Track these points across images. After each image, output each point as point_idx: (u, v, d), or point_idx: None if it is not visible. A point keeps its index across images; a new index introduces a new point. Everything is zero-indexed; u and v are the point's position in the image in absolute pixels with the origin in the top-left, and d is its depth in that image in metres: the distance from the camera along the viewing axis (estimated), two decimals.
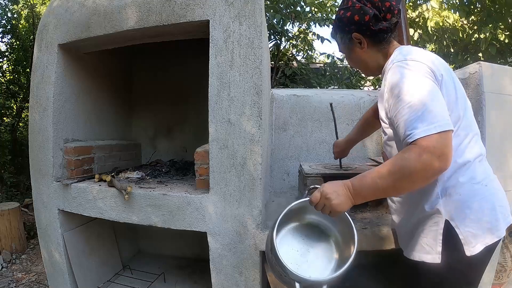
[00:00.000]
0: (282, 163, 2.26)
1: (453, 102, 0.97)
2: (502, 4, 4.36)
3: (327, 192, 0.94)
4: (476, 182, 0.97)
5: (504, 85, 1.75)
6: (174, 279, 2.29)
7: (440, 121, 0.83)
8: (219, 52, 1.51)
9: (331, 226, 1.12)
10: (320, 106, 2.25)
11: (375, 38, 1.06)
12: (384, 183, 0.87)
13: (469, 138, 0.99)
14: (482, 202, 0.95)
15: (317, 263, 1.09)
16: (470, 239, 0.93)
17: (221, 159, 1.52)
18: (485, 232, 0.94)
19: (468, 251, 0.93)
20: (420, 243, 1.01)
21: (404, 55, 0.97)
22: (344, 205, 0.93)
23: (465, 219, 0.94)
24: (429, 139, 0.81)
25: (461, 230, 0.94)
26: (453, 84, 0.99)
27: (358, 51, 1.11)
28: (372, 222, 1.58)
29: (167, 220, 1.63)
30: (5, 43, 5.79)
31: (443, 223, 0.96)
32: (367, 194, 0.92)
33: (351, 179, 0.94)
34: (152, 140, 2.81)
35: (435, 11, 4.65)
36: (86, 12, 1.74)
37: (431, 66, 0.93)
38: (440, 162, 0.80)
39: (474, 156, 0.98)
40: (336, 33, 1.15)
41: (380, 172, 0.88)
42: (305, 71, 4.61)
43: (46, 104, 1.86)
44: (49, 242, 1.94)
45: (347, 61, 1.23)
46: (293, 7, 4.34)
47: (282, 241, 1.09)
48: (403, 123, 0.87)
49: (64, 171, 1.93)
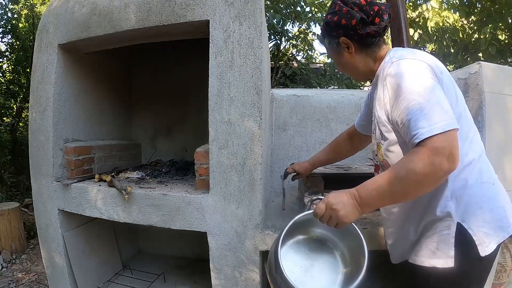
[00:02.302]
0: (282, 163, 2.26)
1: (453, 100, 0.95)
2: (502, 4, 4.36)
3: (332, 203, 0.89)
4: (484, 181, 0.95)
5: (504, 85, 1.75)
6: (174, 279, 2.29)
7: (446, 119, 0.80)
8: (219, 52, 1.51)
9: (336, 239, 1.07)
10: (320, 106, 2.25)
11: (363, 42, 1.04)
12: (392, 189, 0.83)
13: (471, 136, 0.97)
14: (491, 201, 0.94)
15: (322, 278, 1.03)
16: (484, 239, 0.91)
17: (221, 159, 1.52)
18: (497, 230, 0.93)
19: (482, 251, 0.91)
20: (429, 248, 0.97)
21: (402, 54, 0.95)
22: (352, 215, 0.89)
23: (477, 220, 0.92)
24: (436, 139, 0.78)
25: (475, 231, 0.91)
26: (451, 82, 0.98)
27: (347, 55, 1.09)
28: (372, 222, 1.58)
29: (167, 220, 1.63)
30: (5, 43, 5.79)
31: (455, 226, 0.92)
32: (374, 202, 0.88)
33: (356, 188, 0.90)
34: (152, 140, 2.81)
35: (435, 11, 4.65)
36: (86, 12, 1.74)
37: (430, 65, 0.92)
38: (449, 162, 0.77)
39: (478, 154, 0.97)
40: (324, 37, 1.13)
41: (387, 177, 0.84)
42: (305, 71, 4.61)
43: (46, 104, 1.86)
44: (49, 242, 1.94)
45: (336, 66, 1.21)
46: (293, 7, 4.35)
47: (284, 257, 0.99)
48: (408, 122, 0.84)
49: (64, 171, 1.93)
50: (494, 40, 4.14)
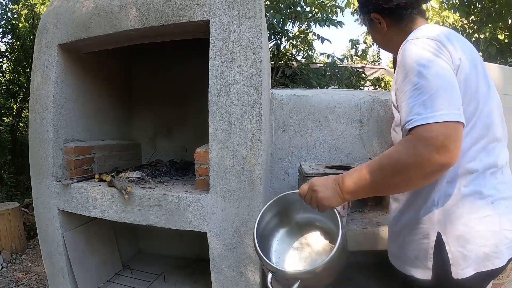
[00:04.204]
0: (282, 163, 2.26)
1: (471, 93, 0.83)
2: (502, 4, 4.36)
3: (314, 184, 0.87)
4: (481, 197, 0.83)
5: (504, 85, 1.75)
6: (174, 279, 2.29)
7: (447, 109, 0.70)
8: (219, 52, 1.51)
9: (324, 219, 1.08)
10: (320, 106, 2.25)
11: (394, 16, 0.98)
12: (375, 179, 0.76)
13: (483, 142, 0.85)
14: (483, 222, 0.82)
15: (313, 255, 1.08)
16: (459, 261, 0.82)
17: (221, 159, 1.52)
18: (480, 256, 0.82)
19: (455, 273, 0.82)
20: (409, 255, 0.92)
21: (420, 32, 0.86)
22: (332, 199, 0.85)
23: (457, 237, 0.82)
24: (429, 128, 0.69)
25: (451, 249, 0.82)
26: (475, 73, 0.85)
27: (380, 31, 1.04)
28: (372, 222, 1.58)
29: (167, 220, 1.63)
30: (5, 43, 5.79)
31: (435, 235, 0.85)
32: (357, 190, 0.81)
33: (343, 174, 0.85)
34: (152, 140, 2.81)
35: (435, 11, 4.65)
36: (86, 12, 1.74)
37: (448, 47, 0.81)
38: (441, 155, 0.67)
39: (485, 166, 0.85)
40: (359, 15, 1.10)
41: (371, 166, 0.78)
42: (305, 71, 4.61)
43: (46, 104, 1.86)
44: (49, 242, 1.94)
45: (376, 44, 1.17)
46: (293, 7, 4.34)
47: (281, 248, 1.12)
48: (406, 107, 0.76)
49: (64, 171, 1.93)
50: (494, 40, 4.13)
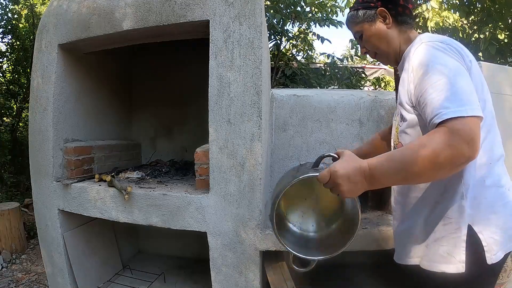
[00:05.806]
0: (282, 163, 2.25)
1: (479, 92, 0.90)
2: (502, 4, 4.35)
3: (337, 176, 0.81)
4: (501, 186, 0.92)
5: (504, 85, 1.75)
6: (174, 279, 2.29)
7: (471, 104, 0.75)
8: (219, 52, 1.51)
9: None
10: (320, 106, 2.25)
11: (399, 18, 1.05)
12: (407, 167, 0.76)
13: (492, 134, 0.94)
14: (506, 207, 0.91)
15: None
16: (493, 246, 0.88)
17: (221, 159, 1.52)
18: (508, 239, 0.90)
19: (489, 259, 0.88)
20: (439, 252, 0.93)
21: (432, 37, 0.95)
22: (355, 192, 0.83)
23: (490, 225, 0.89)
24: (458, 122, 0.73)
25: (485, 237, 0.88)
26: (479, 75, 0.94)
27: (381, 27, 1.07)
28: (372, 222, 1.58)
29: (167, 220, 1.63)
30: (5, 43, 5.79)
31: (466, 228, 0.88)
32: (385, 179, 0.80)
33: (368, 161, 0.81)
34: (152, 140, 2.81)
35: (435, 11, 4.64)
36: (86, 12, 1.74)
37: (460, 51, 0.89)
38: (469, 148, 0.72)
39: (498, 156, 0.94)
40: (358, 10, 1.09)
41: (403, 154, 0.78)
42: (305, 71, 4.60)
43: (46, 104, 1.86)
44: (49, 242, 1.94)
45: (365, 44, 1.13)
46: (293, 7, 4.34)
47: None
48: (430, 101, 0.80)
49: (64, 171, 1.93)
50: (493, 40, 4.13)
